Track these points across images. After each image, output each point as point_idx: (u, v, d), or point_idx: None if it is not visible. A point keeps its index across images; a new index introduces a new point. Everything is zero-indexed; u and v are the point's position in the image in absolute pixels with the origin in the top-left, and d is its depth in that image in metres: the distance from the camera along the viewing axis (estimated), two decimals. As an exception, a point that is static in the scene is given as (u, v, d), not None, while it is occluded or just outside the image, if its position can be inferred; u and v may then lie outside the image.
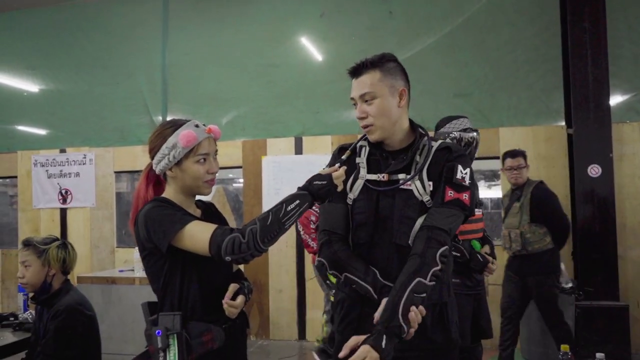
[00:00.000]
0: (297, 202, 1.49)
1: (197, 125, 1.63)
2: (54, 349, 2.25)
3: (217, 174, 1.68)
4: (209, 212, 1.77)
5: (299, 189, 1.55)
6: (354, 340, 1.40)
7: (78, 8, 6.03)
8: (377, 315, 1.45)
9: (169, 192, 1.66)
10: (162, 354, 1.49)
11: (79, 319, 2.35)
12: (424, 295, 1.45)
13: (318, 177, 1.56)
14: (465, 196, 1.56)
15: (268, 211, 1.48)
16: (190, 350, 1.51)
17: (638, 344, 3.83)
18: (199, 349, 1.52)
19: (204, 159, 1.62)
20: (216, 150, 1.69)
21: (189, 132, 1.59)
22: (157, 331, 1.50)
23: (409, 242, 1.57)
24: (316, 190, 1.53)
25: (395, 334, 1.38)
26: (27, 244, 2.46)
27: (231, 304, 1.60)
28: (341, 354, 1.38)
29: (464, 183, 1.57)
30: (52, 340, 2.26)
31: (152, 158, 1.65)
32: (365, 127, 1.63)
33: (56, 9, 6.05)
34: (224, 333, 1.58)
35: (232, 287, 1.64)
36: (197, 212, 1.70)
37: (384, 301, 1.47)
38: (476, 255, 2.67)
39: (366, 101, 1.61)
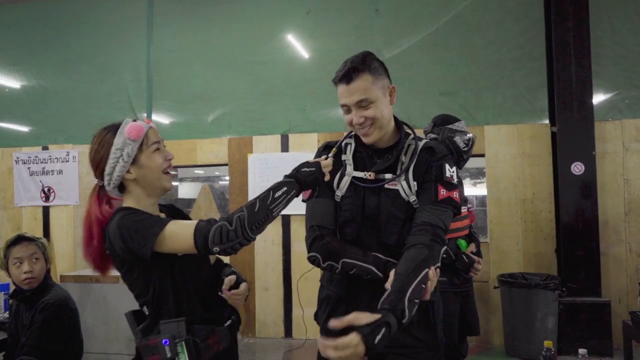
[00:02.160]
0: (285, 189, 1.46)
1: (134, 120, 1.55)
2: (39, 341, 2.23)
3: (174, 166, 1.62)
4: (173, 213, 1.71)
5: (286, 176, 1.52)
6: (355, 316, 1.27)
7: (62, 3, 5.95)
8: (384, 296, 1.38)
9: (130, 202, 1.54)
10: None
11: (66, 313, 2.38)
12: (424, 287, 1.43)
13: (306, 164, 1.54)
14: (455, 194, 1.58)
15: (255, 198, 1.43)
16: (200, 355, 1.45)
17: (619, 339, 3.89)
18: (206, 353, 1.47)
19: (158, 148, 1.55)
20: (162, 140, 1.61)
21: (134, 125, 1.51)
22: (163, 340, 1.42)
23: (395, 241, 1.57)
24: (304, 177, 1.50)
25: (397, 318, 1.31)
26: (31, 239, 2.48)
27: (237, 292, 1.57)
28: (333, 324, 1.27)
29: (452, 181, 1.58)
30: (38, 332, 2.25)
31: (101, 173, 1.52)
32: (362, 130, 1.60)
33: (40, 3, 5.96)
34: (228, 332, 1.55)
35: (229, 279, 1.61)
36: (162, 216, 1.61)
37: (392, 274, 1.45)
38: (461, 256, 2.69)
39: (362, 107, 1.57)
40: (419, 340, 1.61)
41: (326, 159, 1.60)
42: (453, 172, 1.60)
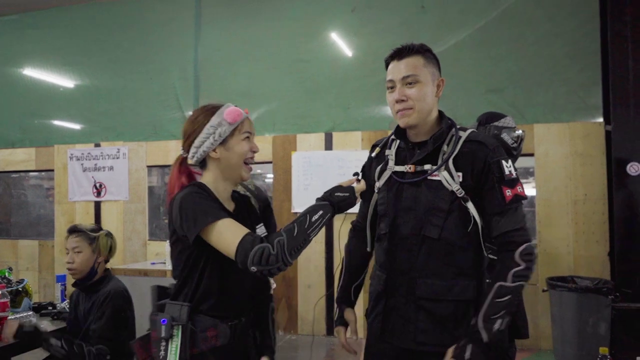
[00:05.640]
0: (320, 212, 1.47)
1: (235, 106, 1.63)
2: (112, 331, 2.29)
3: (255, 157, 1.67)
4: (242, 206, 1.74)
5: (319, 199, 1.54)
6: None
7: (112, 5, 6.14)
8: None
9: (207, 179, 1.62)
10: (164, 344, 1.46)
11: (128, 302, 2.45)
12: (508, 297, 1.48)
13: (339, 188, 1.56)
14: (519, 188, 1.57)
15: (292, 222, 1.45)
16: (193, 345, 1.47)
17: (679, 348, 3.71)
18: (202, 345, 1.49)
19: (248, 137, 1.61)
20: (254, 133, 1.67)
21: (234, 109, 1.58)
22: (162, 319, 1.46)
23: (438, 234, 1.57)
24: (337, 202, 1.52)
25: (476, 339, 1.47)
26: (78, 230, 2.51)
27: None
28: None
29: (512, 177, 1.57)
30: (110, 324, 2.30)
31: (189, 145, 1.60)
32: (401, 110, 1.60)
33: (92, 6, 6.18)
34: (229, 331, 1.55)
35: None
36: (231, 206, 1.66)
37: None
38: None
39: (408, 84, 1.59)
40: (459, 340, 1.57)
41: (358, 181, 1.62)
42: (510, 166, 1.58)
